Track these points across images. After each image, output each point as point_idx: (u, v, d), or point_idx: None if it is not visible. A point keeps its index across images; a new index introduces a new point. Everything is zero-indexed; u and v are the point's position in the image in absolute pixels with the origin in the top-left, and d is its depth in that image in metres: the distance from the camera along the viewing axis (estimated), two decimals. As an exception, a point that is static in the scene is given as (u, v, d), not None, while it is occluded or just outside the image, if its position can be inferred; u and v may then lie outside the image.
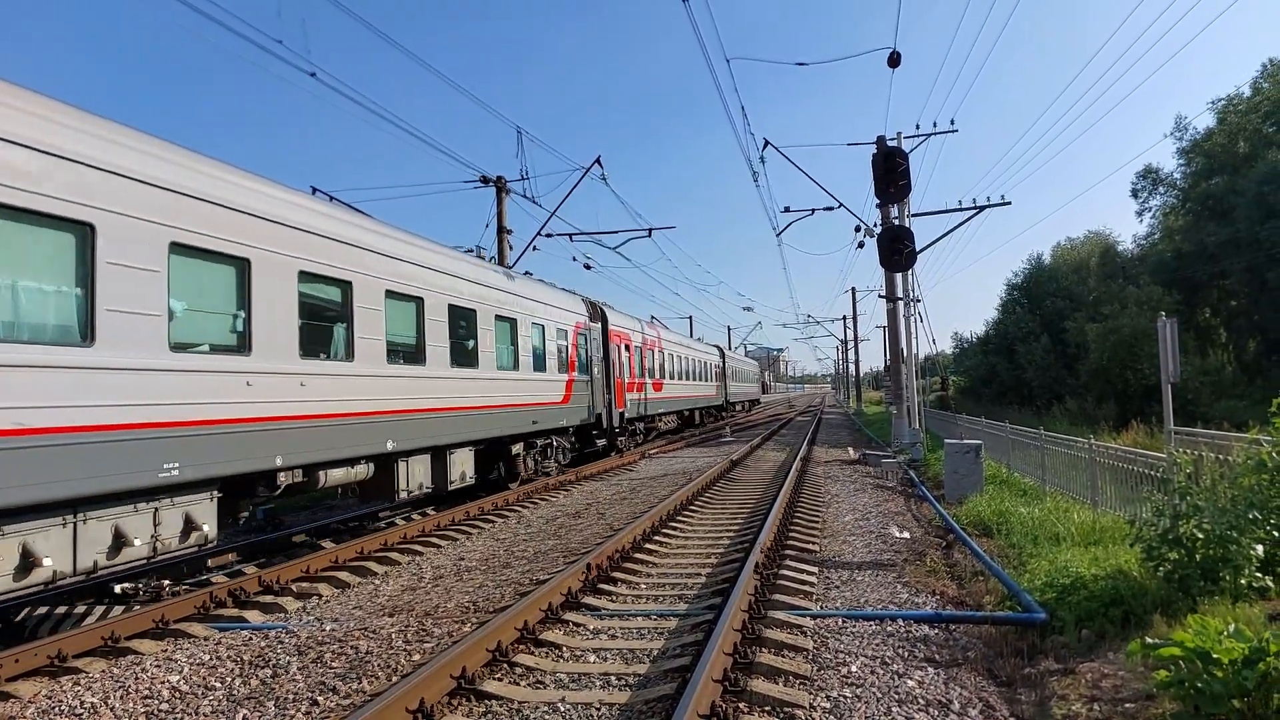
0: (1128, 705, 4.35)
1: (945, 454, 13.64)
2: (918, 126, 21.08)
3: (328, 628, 6.85)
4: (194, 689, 5.54)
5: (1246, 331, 36.89)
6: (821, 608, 6.81)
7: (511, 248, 21.63)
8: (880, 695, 4.87)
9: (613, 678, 5.30)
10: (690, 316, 63.53)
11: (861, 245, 25.37)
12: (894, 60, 16.18)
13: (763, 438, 28.61)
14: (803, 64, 20.28)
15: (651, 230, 24.36)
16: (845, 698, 4.84)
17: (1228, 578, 5.43)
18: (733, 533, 10.27)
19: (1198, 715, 3.67)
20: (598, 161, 21.68)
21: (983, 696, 4.85)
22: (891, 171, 16.00)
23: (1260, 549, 5.51)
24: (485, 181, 21.42)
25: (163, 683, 5.65)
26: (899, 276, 20.48)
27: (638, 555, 9.01)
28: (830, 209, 22.99)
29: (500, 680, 5.32)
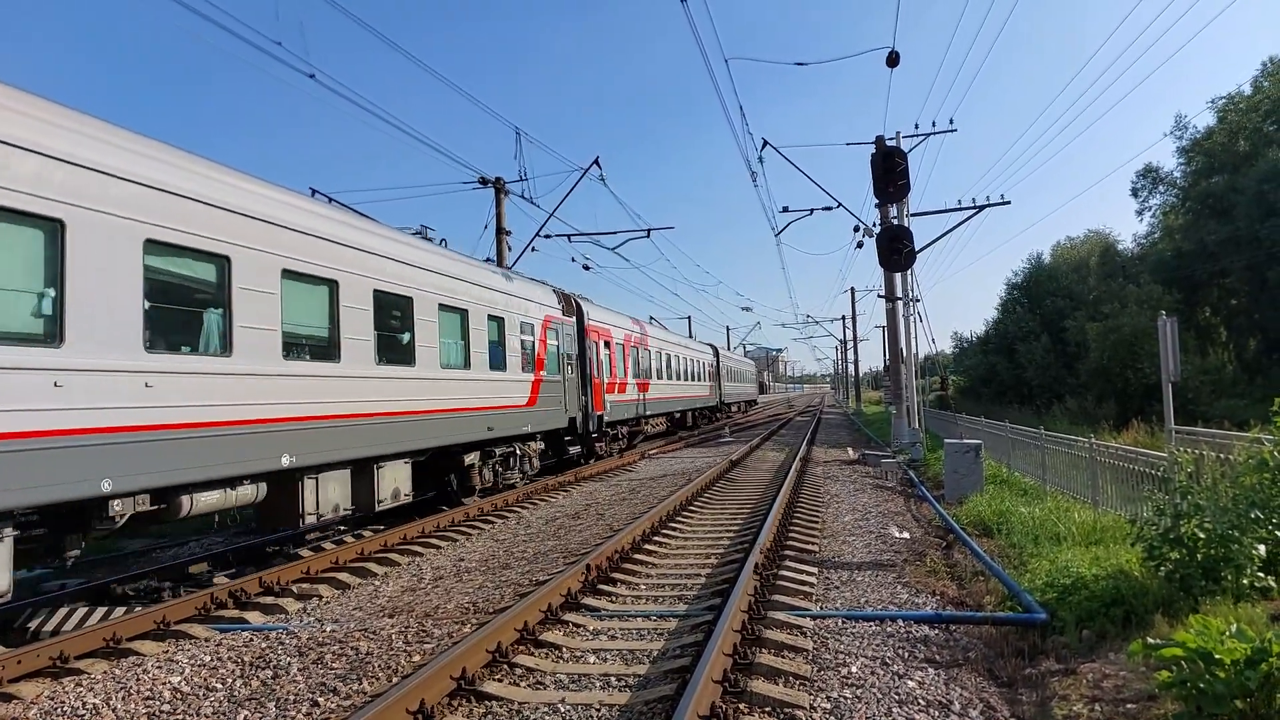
0: (1129, 706, 4.35)
1: (945, 454, 13.63)
2: (916, 126, 21.09)
3: (328, 629, 6.85)
4: (195, 690, 5.54)
5: (1247, 330, 36.90)
6: (821, 608, 6.80)
7: (510, 249, 21.64)
8: (880, 696, 4.86)
9: (613, 678, 5.29)
10: (689, 317, 63.60)
11: (860, 245, 25.42)
12: (893, 60, 16.18)
13: (762, 438, 28.60)
14: (801, 64, 20.29)
15: (650, 231, 24.38)
16: (845, 698, 4.84)
17: (1229, 577, 5.42)
18: (732, 533, 10.27)
19: (1200, 716, 3.66)
20: (596, 162, 21.70)
21: (983, 697, 4.84)
22: (890, 171, 16.00)
23: (1262, 548, 5.50)
24: (484, 183, 21.42)
25: (164, 684, 5.65)
26: (898, 276, 20.48)
27: (637, 556, 9.00)
28: (829, 209, 23.00)
29: (500, 681, 5.32)
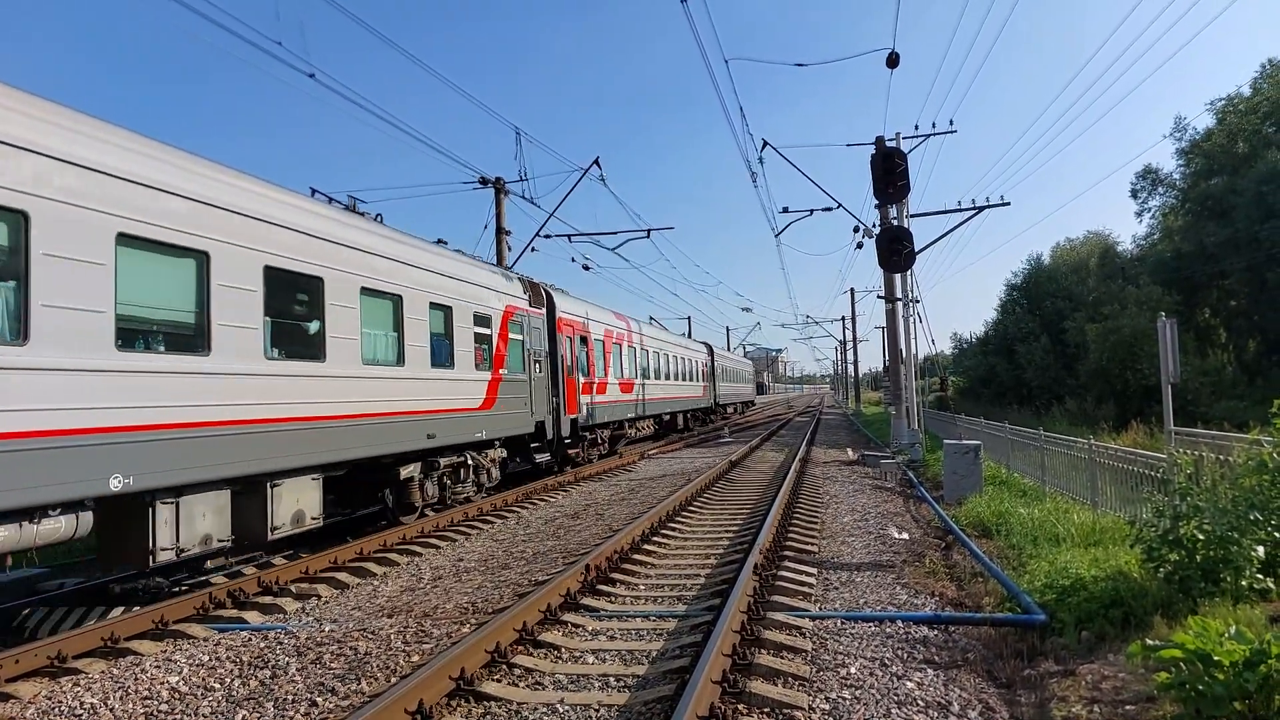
0: (1128, 707, 4.34)
1: (944, 455, 13.63)
2: (916, 127, 21.13)
3: (327, 628, 6.84)
4: (193, 690, 5.53)
5: (1246, 332, 36.93)
6: (820, 609, 6.80)
7: (510, 249, 21.65)
8: (879, 697, 4.86)
9: (612, 679, 5.29)
10: (689, 317, 63.69)
11: (860, 246, 25.44)
12: (893, 61, 16.19)
13: (761, 438, 28.61)
14: (802, 64, 20.30)
15: (650, 231, 24.39)
16: (844, 699, 4.83)
17: (1229, 579, 5.42)
18: (732, 533, 10.27)
19: (1198, 718, 3.66)
20: (596, 162, 21.72)
21: (982, 698, 4.84)
22: (890, 172, 16.00)
23: (1261, 550, 5.50)
24: (484, 183, 21.43)
25: (162, 683, 5.65)
26: (898, 277, 20.49)
27: (636, 556, 9.00)
28: (829, 209, 23.01)
29: (499, 681, 5.31)
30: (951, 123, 21.39)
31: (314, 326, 9.42)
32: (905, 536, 10.02)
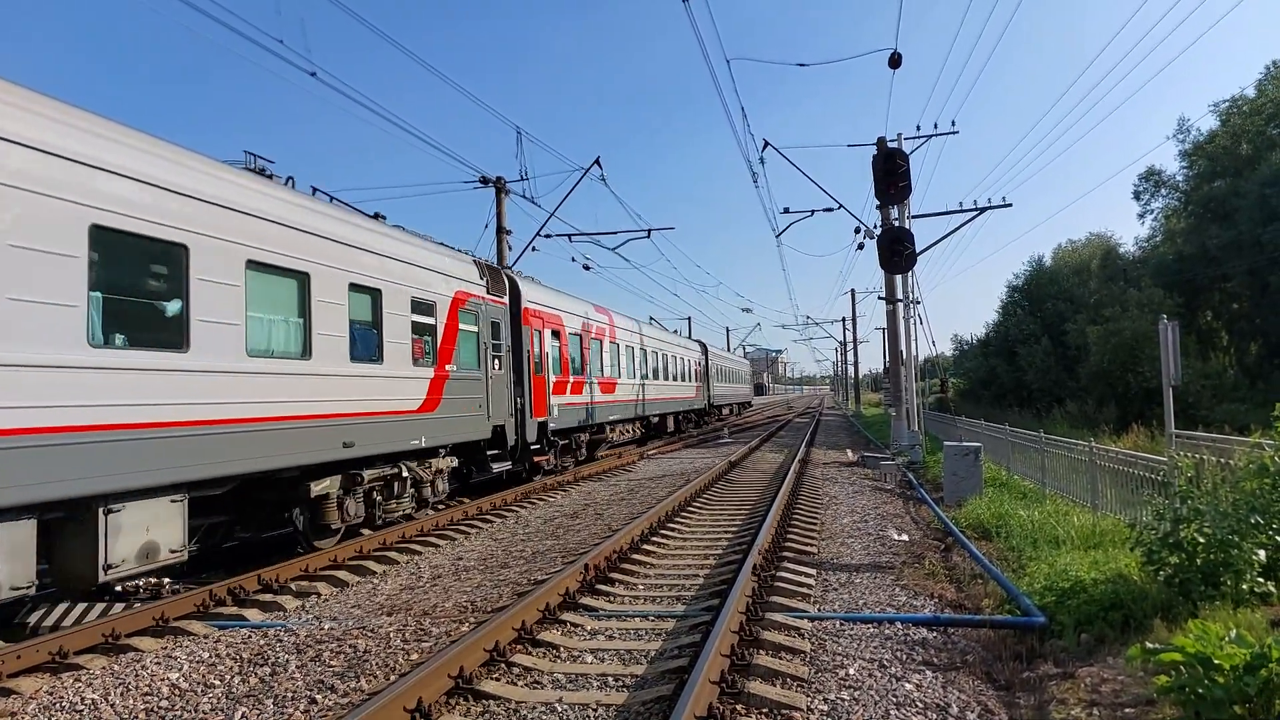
0: (1127, 710, 4.34)
1: (944, 456, 13.62)
2: (918, 128, 21.08)
3: (326, 626, 6.85)
4: (193, 686, 5.54)
5: (1248, 335, 36.89)
6: (819, 610, 6.80)
7: (511, 248, 21.66)
8: (878, 698, 4.86)
9: (610, 678, 5.29)
10: (689, 317, 63.69)
11: (861, 247, 25.39)
12: (895, 61, 16.18)
13: (761, 439, 28.62)
14: (803, 64, 20.30)
15: (650, 231, 24.39)
16: (843, 700, 4.84)
17: (1229, 582, 5.42)
18: (731, 534, 10.27)
19: (1197, 721, 3.66)
20: (597, 162, 21.72)
21: (981, 700, 4.84)
22: (892, 173, 16.02)
23: (1262, 554, 5.50)
24: (485, 182, 21.44)
25: (163, 680, 5.66)
26: (899, 278, 20.47)
27: (635, 556, 9.00)
28: (830, 210, 23.00)
29: (498, 680, 5.32)
30: (954, 123, 21.39)
31: (172, 307, 7.61)
32: (905, 538, 10.01)
